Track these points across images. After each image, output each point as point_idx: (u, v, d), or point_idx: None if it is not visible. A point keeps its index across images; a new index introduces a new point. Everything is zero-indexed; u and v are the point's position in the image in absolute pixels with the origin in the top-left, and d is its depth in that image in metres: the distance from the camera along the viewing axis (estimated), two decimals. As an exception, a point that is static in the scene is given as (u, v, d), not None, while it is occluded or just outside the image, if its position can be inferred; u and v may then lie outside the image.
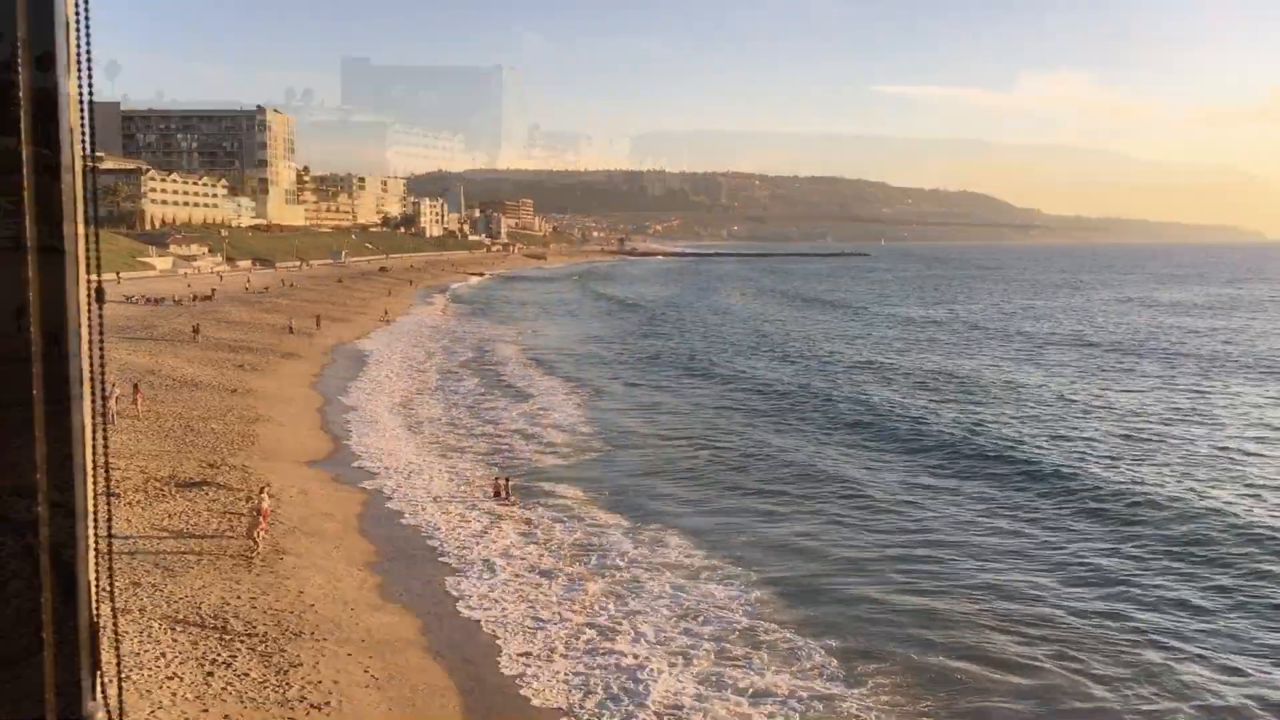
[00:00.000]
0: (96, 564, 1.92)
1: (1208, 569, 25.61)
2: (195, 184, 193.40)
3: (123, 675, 2.73)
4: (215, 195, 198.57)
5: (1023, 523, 29.88)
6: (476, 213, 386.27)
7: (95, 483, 1.91)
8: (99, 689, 1.94)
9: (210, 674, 17.18)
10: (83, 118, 1.87)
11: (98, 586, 1.93)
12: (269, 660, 18.03)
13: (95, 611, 1.90)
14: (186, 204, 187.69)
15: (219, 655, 17.95)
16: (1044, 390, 54.86)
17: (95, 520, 1.90)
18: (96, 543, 1.90)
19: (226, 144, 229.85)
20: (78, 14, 1.88)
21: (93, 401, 1.89)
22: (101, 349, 1.94)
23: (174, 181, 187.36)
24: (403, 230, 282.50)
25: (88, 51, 1.90)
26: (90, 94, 1.90)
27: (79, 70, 1.87)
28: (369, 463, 35.73)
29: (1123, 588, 24.30)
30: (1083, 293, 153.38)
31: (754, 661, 19.80)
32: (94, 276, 1.92)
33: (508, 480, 32.50)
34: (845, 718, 17.63)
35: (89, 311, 1.86)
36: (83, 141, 1.88)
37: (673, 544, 27.41)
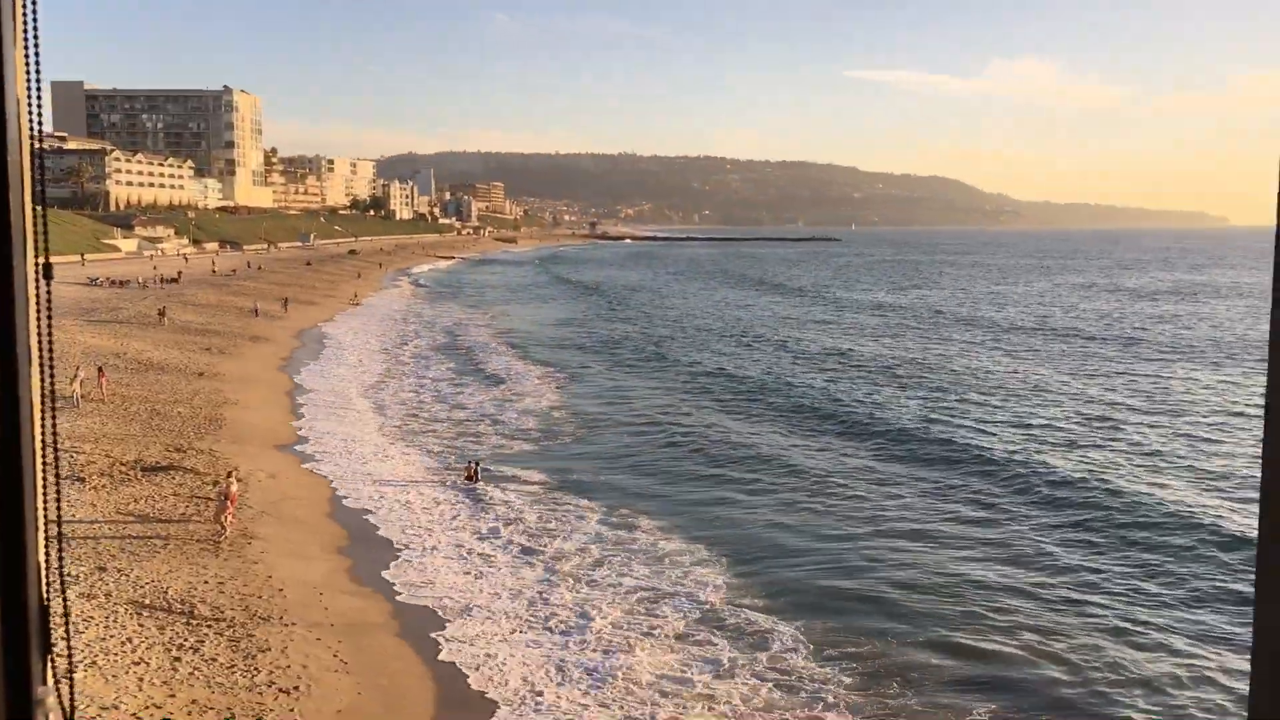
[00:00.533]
0: (46, 545, 1.90)
1: (1147, 552, 25.91)
2: (161, 165, 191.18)
3: (86, 661, 2.71)
4: (181, 177, 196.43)
5: (982, 509, 30.13)
6: (447, 195, 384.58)
7: (44, 462, 1.88)
8: (50, 673, 1.91)
9: (177, 659, 17.07)
10: (29, 90, 1.83)
11: (48, 568, 1.90)
12: (237, 645, 17.93)
13: (46, 594, 1.87)
14: (152, 185, 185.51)
15: (186, 640, 17.84)
16: (1005, 377, 55.32)
17: (45, 501, 1.87)
18: (46, 524, 1.87)
19: (193, 125, 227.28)
20: None
21: (41, 380, 1.86)
22: (49, 327, 1.91)
23: (139, 162, 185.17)
24: (372, 213, 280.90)
25: (34, 21, 1.85)
26: (38, 65, 1.86)
27: (25, 40, 1.83)
28: (339, 446, 35.54)
29: (1076, 574, 24.59)
30: (1050, 277, 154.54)
31: (717, 643, 19.90)
32: (41, 257, 1.88)
33: (478, 464, 32.43)
34: (808, 700, 17.75)
35: (37, 289, 1.83)
36: (30, 115, 1.84)
37: (641, 528, 27.48)
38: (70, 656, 2.12)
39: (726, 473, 34.20)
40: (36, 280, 1.81)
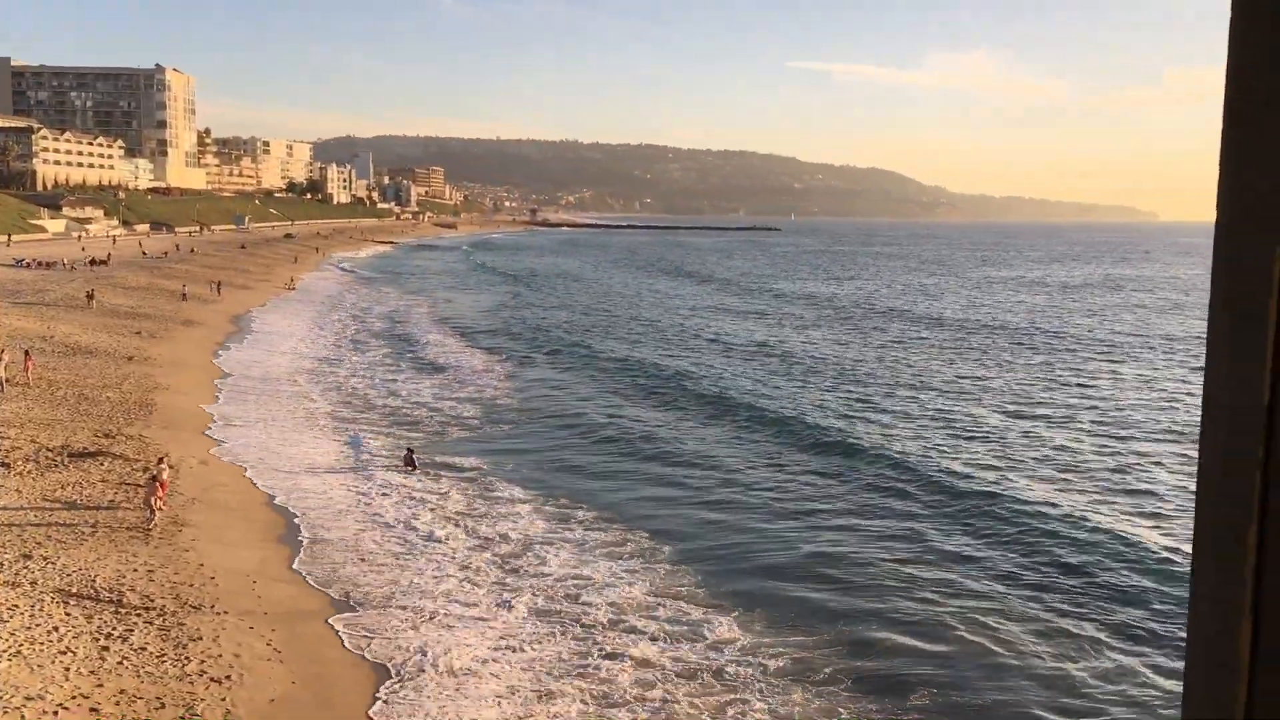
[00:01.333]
0: None
1: (1016, 549, 26.41)
2: (90, 144, 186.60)
3: (10, 650, 2.67)
4: (111, 156, 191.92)
5: (898, 499, 30.61)
6: (386, 180, 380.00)
7: None
8: None
9: (105, 648, 16.78)
10: None
11: None
12: (167, 634, 17.68)
13: None
14: (81, 165, 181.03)
15: (114, 629, 17.54)
16: (928, 371, 56.20)
17: None
18: None
19: (123, 104, 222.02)
20: None
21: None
22: None
23: (67, 141, 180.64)
24: (309, 196, 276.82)
25: None
26: None
27: None
28: (273, 433, 35.10)
29: (977, 564, 25.14)
30: (983, 270, 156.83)
31: (649, 630, 20.03)
32: None
33: (413, 451, 32.21)
34: (738, 687, 17.94)
35: None
36: None
37: (575, 518, 27.53)
38: None
39: (656, 465, 34.35)
40: None
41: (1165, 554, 25.08)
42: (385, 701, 16.73)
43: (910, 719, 17.06)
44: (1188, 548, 25.02)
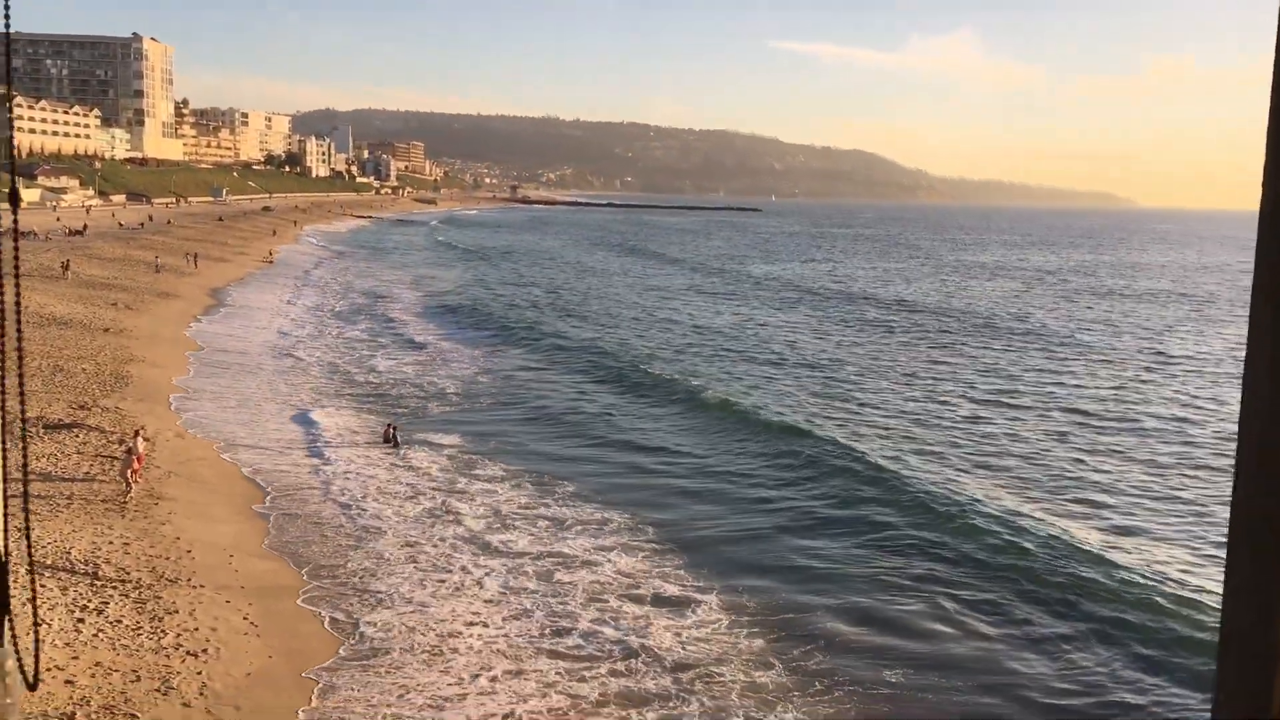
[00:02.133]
0: (5, 503, 1.83)
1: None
2: (66, 113, 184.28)
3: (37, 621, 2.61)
4: (88, 126, 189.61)
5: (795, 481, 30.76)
6: (365, 154, 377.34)
7: None
8: (8, 634, 1.85)
9: (80, 620, 16.67)
10: None
11: (5, 526, 1.84)
12: (143, 607, 17.57)
13: (4, 552, 1.82)
14: (56, 134, 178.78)
15: (89, 601, 17.43)
16: (892, 360, 56.41)
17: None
18: (5, 482, 1.81)
19: (100, 72, 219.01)
20: None
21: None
22: None
23: (43, 110, 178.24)
24: (287, 169, 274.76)
25: None
26: None
27: None
28: (251, 406, 34.89)
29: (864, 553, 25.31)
30: (958, 253, 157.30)
31: (624, 608, 20.08)
32: None
33: (395, 427, 32.08)
34: (710, 662, 18.02)
35: None
36: None
37: (556, 494, 27.53)
38: (35, 617, 2.06)
39: (632, 445, 34.38)
40: None
41: (1106, 548, 25.12)
42: (360, 674, 16.67)
43: (883, 695, 17.17)
44: (1131, 540, 25.23)
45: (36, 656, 2.01)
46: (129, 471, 23.49)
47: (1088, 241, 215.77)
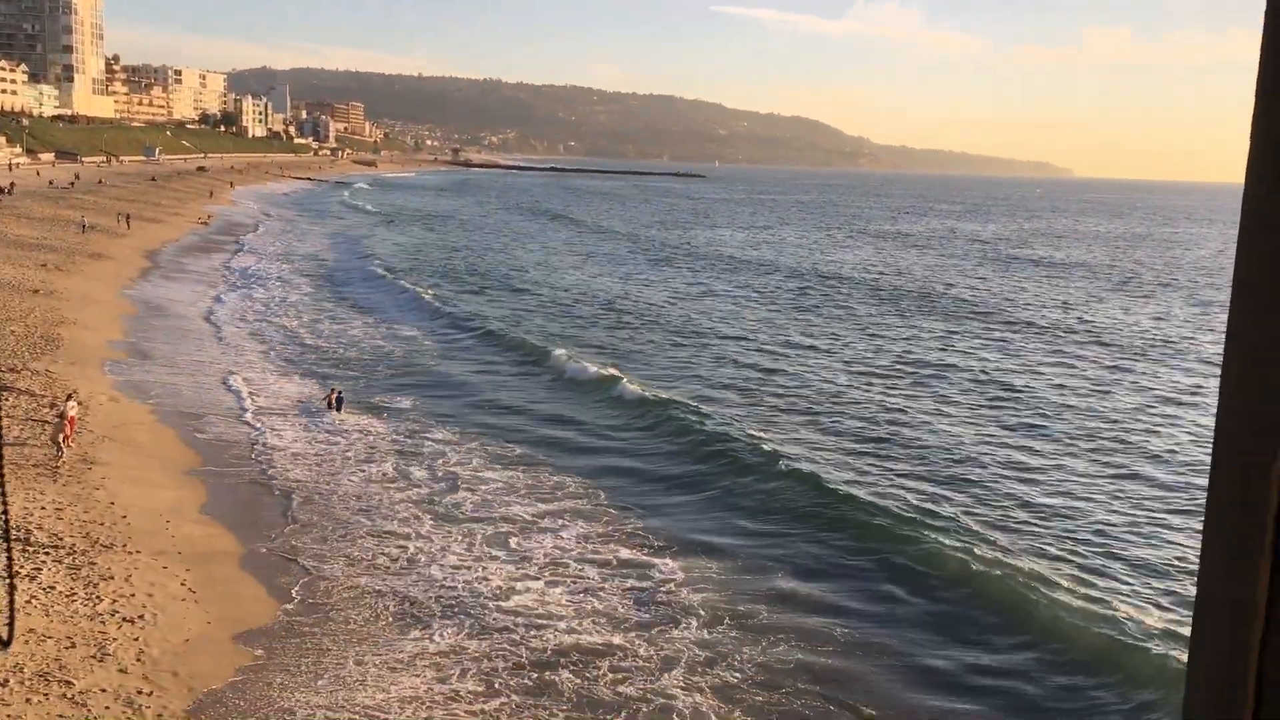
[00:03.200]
0: None
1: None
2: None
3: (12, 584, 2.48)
4: (14, 81, 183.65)
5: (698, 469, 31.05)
6: (303, 114, 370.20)
7: None
8: None
9: (13, 588, 16.27)
10: None
11: None
12: (77, 573, 17.22)
13: None
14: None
15: (22, 568, 17.00)
16: (824, 333, 56.86)
17: None
18: None
19: (27, 26, 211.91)
20: None
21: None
22: None
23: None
24: (223, 129, 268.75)
25: None
26: None
27: None
28: (188, 370, 34.23)
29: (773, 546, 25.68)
30: (897, 222, 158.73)
31: (581, 570, 20.10)
32: None
33: (339, 392, 31.61)
34: (671, 622, 18.11)
35: None
36: None
37: (505, 458, 27.43)
38: (11, 577, 1.92)
39: (591, 413, 34.32)
40: None
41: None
42: (301, 638, 16.49)
43: (834, 654, 17.39)
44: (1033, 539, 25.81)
45: (11, 615, 1.89)
46: (60, 436, 22.96)
47: (1021, 211, 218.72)
